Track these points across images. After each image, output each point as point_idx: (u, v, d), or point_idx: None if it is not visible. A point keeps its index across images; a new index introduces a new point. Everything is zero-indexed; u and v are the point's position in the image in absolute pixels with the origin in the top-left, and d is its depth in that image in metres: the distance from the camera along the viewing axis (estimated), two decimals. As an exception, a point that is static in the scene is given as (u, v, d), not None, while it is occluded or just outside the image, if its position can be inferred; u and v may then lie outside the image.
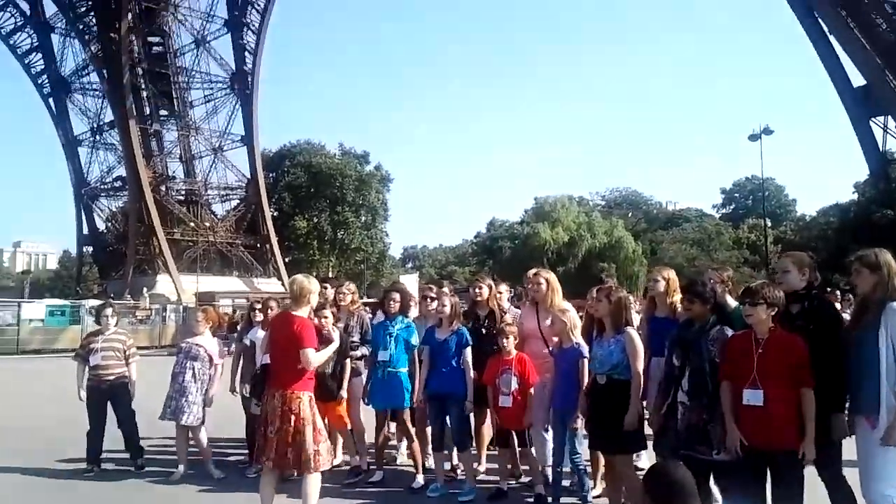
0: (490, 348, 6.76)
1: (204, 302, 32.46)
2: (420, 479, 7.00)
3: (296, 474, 5.86)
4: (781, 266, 5.14)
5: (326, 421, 6.69)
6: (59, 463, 8.03)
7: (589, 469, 6.42)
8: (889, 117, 44.06)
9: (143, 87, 68.00)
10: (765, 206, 61.82)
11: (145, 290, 50.72)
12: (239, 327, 9.24)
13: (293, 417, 5.47)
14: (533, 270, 7.17)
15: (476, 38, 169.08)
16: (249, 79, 69.28)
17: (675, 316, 6.01)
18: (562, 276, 8.79)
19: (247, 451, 7.91)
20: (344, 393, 7.25)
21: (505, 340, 6.53)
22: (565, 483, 6.39)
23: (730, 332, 4.93)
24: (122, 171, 68.91)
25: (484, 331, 7.05)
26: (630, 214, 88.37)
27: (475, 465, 7.25)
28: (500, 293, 7.68)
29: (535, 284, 6.86)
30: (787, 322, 4.76)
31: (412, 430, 7.17)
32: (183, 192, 71.59)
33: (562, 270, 61.05)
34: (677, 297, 5.99)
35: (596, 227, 70.17)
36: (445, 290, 7.32)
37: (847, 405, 4.73)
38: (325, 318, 6.85)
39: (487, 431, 7.39)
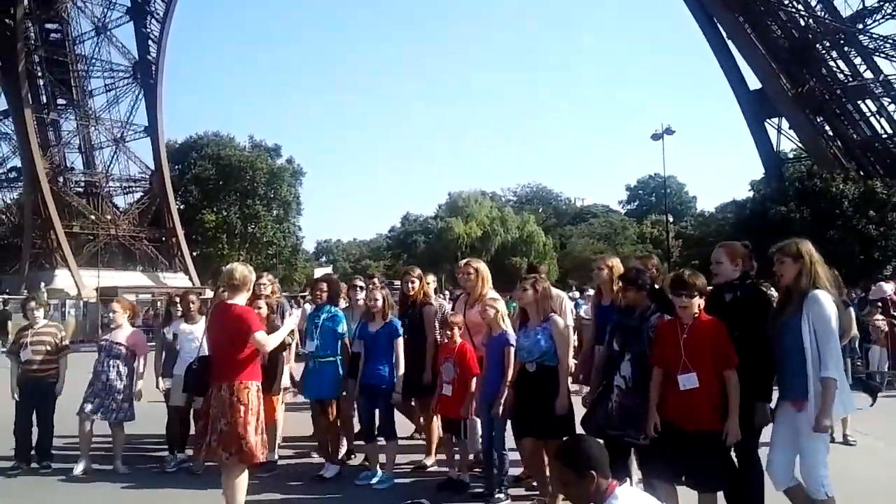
0: (424, 338, 6.87)
1: (106, 297, 31.17)
2: (332, 468, 7.03)
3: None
4: (715, 257, 5.21)
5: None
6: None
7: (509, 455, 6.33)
8: (782, 119, 46.40)
9: (39, 74, 64.49)
10: (667, 203, 63.97)
11: (43, 284, 48.39)
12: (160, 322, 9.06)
13: (242, 408, 5.27)
14: (464, 260, 7.27)
15: (388, 28, 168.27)
16: (153, 68, 66.34)
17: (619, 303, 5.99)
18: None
19: (166, 447, 7.77)
20: (280, 385, 7.22)
21: (449, 331, 6.62)
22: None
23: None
24: (17, 161, 65.37)
25: (418, 322, 7.11)
26: (540, 210, 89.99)
27: (427, 458, 7.33)
28: (429, 283, 7.75)
29: (465, 274, 6.94)
30: (721, 311, 4.89)
31: (331, 420, 7.14)
32: (82, 184, 68.35)
33: (475, 265, 61.60)
34: None
35: (508, 221, 71.24)
36: (376, 282, 7.36)
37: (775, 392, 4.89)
38: (259, 308, 6.81)
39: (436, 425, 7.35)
